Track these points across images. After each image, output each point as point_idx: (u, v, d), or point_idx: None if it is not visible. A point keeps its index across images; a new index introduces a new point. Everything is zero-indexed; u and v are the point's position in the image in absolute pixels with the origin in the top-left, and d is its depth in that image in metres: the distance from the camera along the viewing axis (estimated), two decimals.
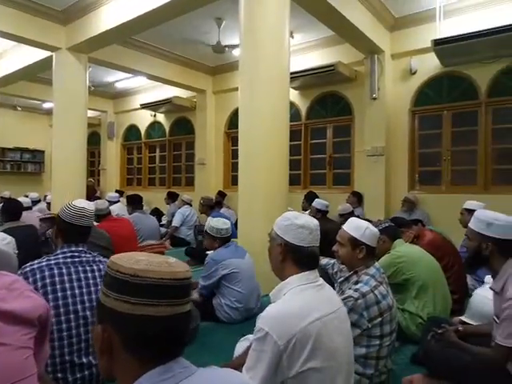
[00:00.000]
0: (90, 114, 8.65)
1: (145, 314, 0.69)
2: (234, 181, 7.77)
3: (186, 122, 8.98)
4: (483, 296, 2.44)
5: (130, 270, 0.70)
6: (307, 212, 5.05)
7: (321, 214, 4.73)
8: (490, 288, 2.05)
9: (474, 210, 2.16)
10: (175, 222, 6.05)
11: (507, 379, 1.81)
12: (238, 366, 1.46)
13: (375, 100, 5.84)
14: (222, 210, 5.86)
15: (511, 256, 1.88)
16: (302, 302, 1.28)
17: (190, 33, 6.30)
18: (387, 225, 2.83)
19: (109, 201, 5.10)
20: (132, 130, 10.22)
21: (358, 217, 3.82)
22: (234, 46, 6.17)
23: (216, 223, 2.99)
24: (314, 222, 1.41)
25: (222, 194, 7.50)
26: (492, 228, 1.87)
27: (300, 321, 1.21)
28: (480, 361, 1.85)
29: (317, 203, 4.80)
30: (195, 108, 8.44)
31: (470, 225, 1.99)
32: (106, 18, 5.29)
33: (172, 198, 7.37)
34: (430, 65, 5.68)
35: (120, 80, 8.75)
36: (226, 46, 6.19)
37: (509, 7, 4.92)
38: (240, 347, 1.86)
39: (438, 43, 4.92)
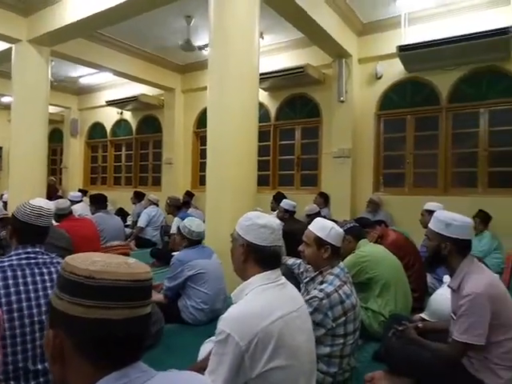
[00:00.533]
0: (52, 109, 8.33)
1: (99, 318, 0.66)
2: (203, 181, 7.70)
3: (153, 120, 8.81)
4: (443, 295, 2.53)
5: (84, 271, 0.67)
6: (275, 212, 5.08)
7: (288, 215, 4.77)
8: (448, 286, 2.14)
9: (433, 211, 2.23)
10: (141, 223, 5.92)
11: (463, 373, 1.89)
12: (201, 368, 1.44)
13: (343, 103, 5.96)
14: (190, 211, 5.79)
15: (467, 255, 1.97)
16: (263, 302, 1.28)
17: (159, 30, 6.18)
18: (352, 225, 2.89)
19: (71, 200, 4.91)
20: (97, 128, 9.92)
21: (324, 217, 3.88)
22: (203, 45, 6.12)
23: (190, 223, 2.94)
24: (275, 222, 1.41)
25: (189, 194, 7.40)
26: (450, 228, 1.95)
27: (262, 320, 1.21)
28: (438, 356, 1.91)
29: (284, 204, 4.84)
30: (163, 106, 8.30)
31: (430, 225, 2.06)
32: (70, 11, 5.10)
33: (138, 197, 7.20)
34: (394, 70, 5.86)
35: (85, 75, 8.48)
36: (195, 45, 6.13)
37: (469, 17, 5.15)
38: (204, 349, 1.84)
39: (403, 49, 5.10)
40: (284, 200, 4.98)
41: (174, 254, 3.13)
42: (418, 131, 5.99)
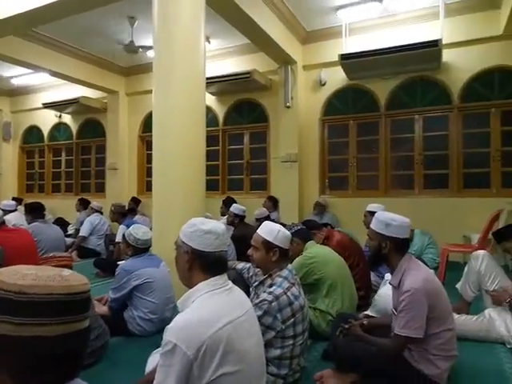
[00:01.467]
0: None
1: (31, 336, 0.61)
2: (150, 186, 7.46)
3: (96, 124, 8.43)
4: (387, 293, 2.65)
5: (13, 286, 0.63)
6: (225, 217, 5.06)
7: (238, 219, 4.78)
8: (389, 283, 2.25)
9: (375, 212, 2.34)
10: (83, 232, 5.62)
11: (405, 365, 1.99)
12: (149, 382, 1.39)
13: (289, 108, 6.10)
14: (136, 218, 5.60)
15: (406, 253, 2.09)
16: (211, 308, 1.26)
17: (101, 30, 5.95)
18: (299, 228, 2.96)
19: (4, 210, 4.54)
20: (33, 132, 9.29)
21: (273, 221, 3.94)
22: (148, 47, 5.96)
23: (136, 231, 2.82)
24: (220, 227, 1.40)
25: (136, 201, 7.17)
26: (390, 228, 2.05)
27: (209, 327, 1.19)
28: (381, 351, 2.00)
29: (234, 208, 4.84)
30: (106, 109, 7.97)
31: (371, 226, 2.15)
32: (1, 6, 4.75)
33: (84, 204, 6.83)
34: (337, 77, 6.11)
35: (18, 76, 7.92)
36: (139, 47, 5.96)
37: (405, 30, 5.51)
38: (152, 361, 1.77)
39: (344, 58, 5.33)
40: (234, 205, 4.98)
41: (119, 263, 3.00)
42: (360, 136, 6.28)
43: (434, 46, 4.90)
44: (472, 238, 4.86)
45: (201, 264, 1.36)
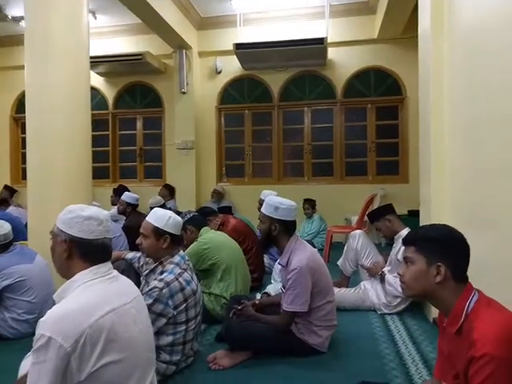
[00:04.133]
0: None
1: None
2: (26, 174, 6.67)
3: None
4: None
5: None
6: (115, 207, 4.76)
7: (131, 208, 4.54)
8: (279, 263, 2.38)
9: None
10: None
11: (292, 338, 2.14)
12: None
13: (184, 94, 5.98)
14: (10, 209, 4.93)
15: (293, 235, 2.22)
16: (90, 297, 1.18)
17: None
18: (192, 215, 2.94)
19: None
20: None
21: (170, 209, 3.83)
22: (19, 18, 5.23)
23: None
24: (102, 213, 1.32)
25: (9, 190, 6.31)
26: (278, 211, 2.17)
27: (89, 316, 1.11)
28: (271, 327, 2.12)
29: (126, 197, 4.57)
30: None
31: (262, 209, 2.25)
32: None
33: None
34: (233, 66, 6.16)
35: None
36: (9, 15, 5.20)
37: (295, 25, 5.77)
38: (25, 365, 1.58)
39: (239, 47, 5.39)
40: (125, 193, 4.70)
41: None
42: (255, 125, 6.47)
43: (320, 43, 5.25)
44: (352, 220, 5.42)
45: (82, 252, 1.25)
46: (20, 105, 6.82)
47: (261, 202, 4.37)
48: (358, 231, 3.38)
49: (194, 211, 3.27)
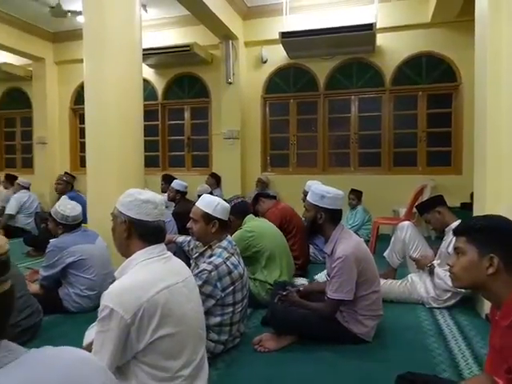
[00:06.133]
0: None
1: None
2: (84, 162, 7.10)
3: (20, 93, 7.74)
4: None
5: None
6: (166, 194, 4.97)
7: (180, 195, 4.73)
8: (324, 251, 2.39)
9: None
10: (9, 210, 5.21)
11: (337, 325, 2.16)
12: None
13: (231, 84, 6.05)
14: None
15: (338, 224, 2.23)
16: (147, 274, 1.28)
17: None
18: (240, 200, 3.01)
19: None
20: None
21: None
22: (77, 12, 5.52)
23: (63, 208, 2.68)
24: (158, 197, 1.42)
25: (70, 177, 6.74)
26: (324, 200, 2.18)
27: (146, 292, 1.21)
28: (316, 313, 2.15)
29: (176, 184, 4.76)
30: (31, 78, 7.32)
31: (308, 198, 2.27)
32: None
33: (11, 180, 6.28)
34: (279, 55, 6.14)
35: None
36: (68, 11, 5.50)
37: (343, 11, 5.64)
38: (89, 334, 1.74)
39: (285, 36, 5.35)
40: (175, 181, 4.89)
41: (51, 240, 2.85)
42: (300, 115, 6.43)
43: (369, 29, 5.09)
44: (400, 212, 5.27)
45: (139, 233, 1.36)
46: (78, 97, 7.25)
47: (305, 193, 4.36)
48: (407, 222, 3.30)
49: (241, 196, 3.35)
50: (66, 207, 2.70)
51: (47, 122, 7.23)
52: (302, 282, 3.14)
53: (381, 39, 5.64)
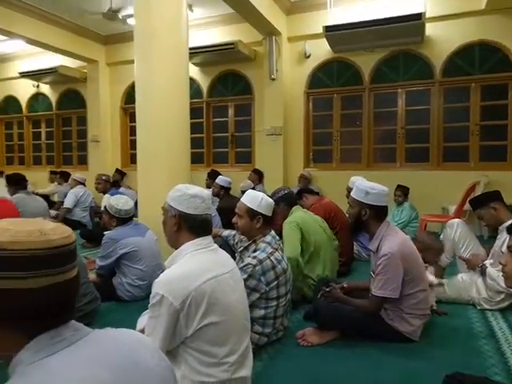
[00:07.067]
0: None
1: (10, 288, 0.63)
2: (134, 159, 7.43)
3: (76, 94, 8.21)
4: None
5: None
6: (210, 190, 5.10)
7: (224, 191, 4.84)
8: (368, 248, 2.37)
9: None
10: (67, 203, 5.58)
11: (381, 323, 2.14)
12: None
13: (274, 81, 6.06)
14: (121, 190, 5.58)
15: (384, 220, 2.19)
16: (195, 264, 1.36)
17: None
18: (286, 191, 3.04)
19: None
20: (10, 102, 8.98)
21: None
22: (128, 15, 5.78)
23: (116, 202, 2.85)
24: (205, 192, 1.49)
25: (120, 173, 7.11)
26: (369, 196, 2.15)
27: (194, 281, 1.28)
28: (360, 310, 2.14)
29: (220, 180, 4.88)
30: (86, 80, 7.75)
31: (352, 194, 2.25)
32: None
33: (65, 177, 6.75)
34: (322, 50, 6.06)
35: None
36: (118, 13, 5.76)
37: (388, 2, 5.46)
38: (142, 321, 1.85)
39: (329, 30, 5.28)
40: (219, 177, 5.02)
41: (105, 233, 3.04)
42: (344, 110, 6.32)
43: (418, 19, 4.90)
44: (450, 209, 5.05)
45: (188, 226, 1.43)
46: (128, 96, 7.59)
47: (349, 190, 4.31)
48: (457, 220, 3.16)
49: (288, 188, 3.37)
50: (119, 201, 2.86)
51: (100, 120, 7.64)
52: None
53: (430, 29, 5.41)
